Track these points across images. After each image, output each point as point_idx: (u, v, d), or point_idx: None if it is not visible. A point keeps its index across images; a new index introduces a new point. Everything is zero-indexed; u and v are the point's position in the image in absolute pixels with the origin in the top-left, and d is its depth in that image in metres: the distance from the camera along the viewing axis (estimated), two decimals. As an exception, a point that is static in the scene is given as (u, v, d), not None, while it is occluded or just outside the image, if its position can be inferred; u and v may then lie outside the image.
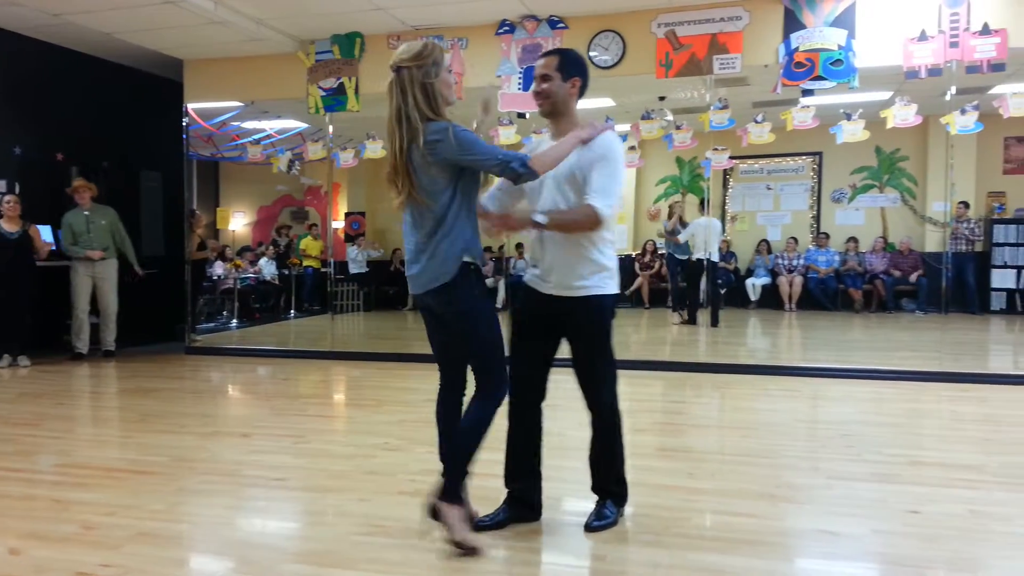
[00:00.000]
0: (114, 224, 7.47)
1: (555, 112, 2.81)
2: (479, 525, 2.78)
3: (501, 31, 6.91)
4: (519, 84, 6.82)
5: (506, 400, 2.71)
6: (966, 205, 10.47)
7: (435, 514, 2.65)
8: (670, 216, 9.91)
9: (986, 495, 3.27)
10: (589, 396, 2.82)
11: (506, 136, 6.95)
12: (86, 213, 7.30)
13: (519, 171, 2.55)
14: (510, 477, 2.91)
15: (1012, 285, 10.60)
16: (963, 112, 6.07)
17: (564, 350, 2.83)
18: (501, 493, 2.92)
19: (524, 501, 2.89)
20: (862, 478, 3.51)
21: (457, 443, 2.67)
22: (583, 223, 2.65)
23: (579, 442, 2.95)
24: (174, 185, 8.49)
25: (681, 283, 9.76)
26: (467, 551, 2.59)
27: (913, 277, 10.75)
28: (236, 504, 3.23)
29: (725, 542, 2.76)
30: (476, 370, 2.69)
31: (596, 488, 2.93)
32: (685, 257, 9.45)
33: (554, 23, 6.78)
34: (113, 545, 2.74)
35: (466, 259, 2.59)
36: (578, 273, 2.71)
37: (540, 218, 2.64)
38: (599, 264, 2.73)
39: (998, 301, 10.61)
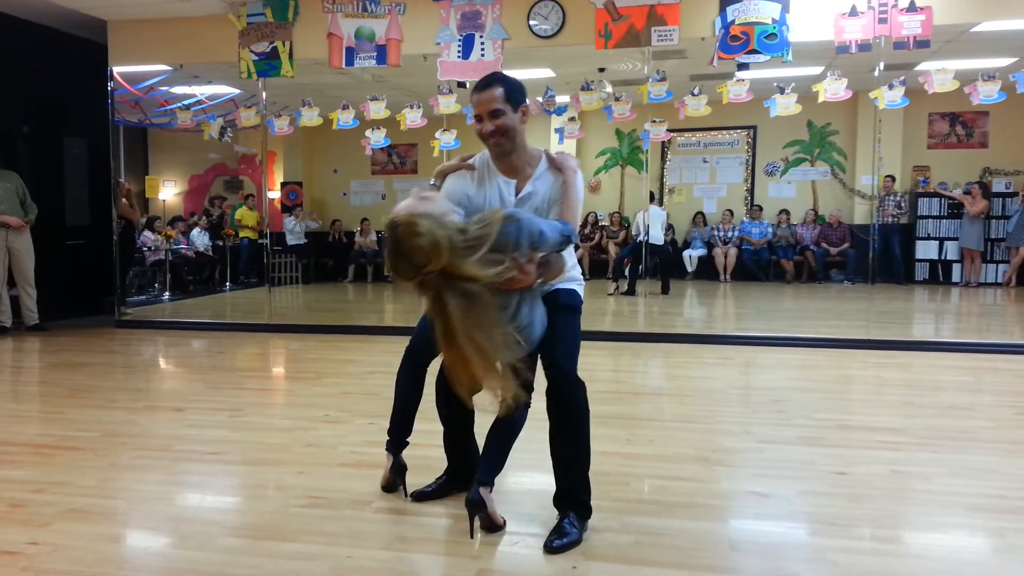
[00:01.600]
0: (19, 188, 7.14)
1: (512, 148, 2.55)
2: (424, 494, 2.81)
3: (440, -3, 6.81)
4: (459, 52, 6.73)
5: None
6: (892, 179, 10.85)
7: (485, 516, 2.53)
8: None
9: (908, 456, 3.42)
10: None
11: (446, 105, 6.88)
12: None
13: (574, 242, 2.51)
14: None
15: (935, 256, 11.06)
16: (891, 87, 6.24)
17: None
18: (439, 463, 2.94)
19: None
20: (791, 441, 3.63)
21: (507, 437, 2.55)
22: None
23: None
24: (100, 153, 8.15)
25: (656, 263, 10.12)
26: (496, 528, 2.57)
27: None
28: (171, 479, 3.16)
29: (661, 505, 2.84)
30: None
31: (562, 496, 2.60)
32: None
33: (494, -9, 6.70)
34: (42, 523, 2.66)
35: None
36: None
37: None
38: None
39: (921, 271, 11.07)
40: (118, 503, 2.90)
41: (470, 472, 2.68)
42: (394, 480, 2.88)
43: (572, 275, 2.68)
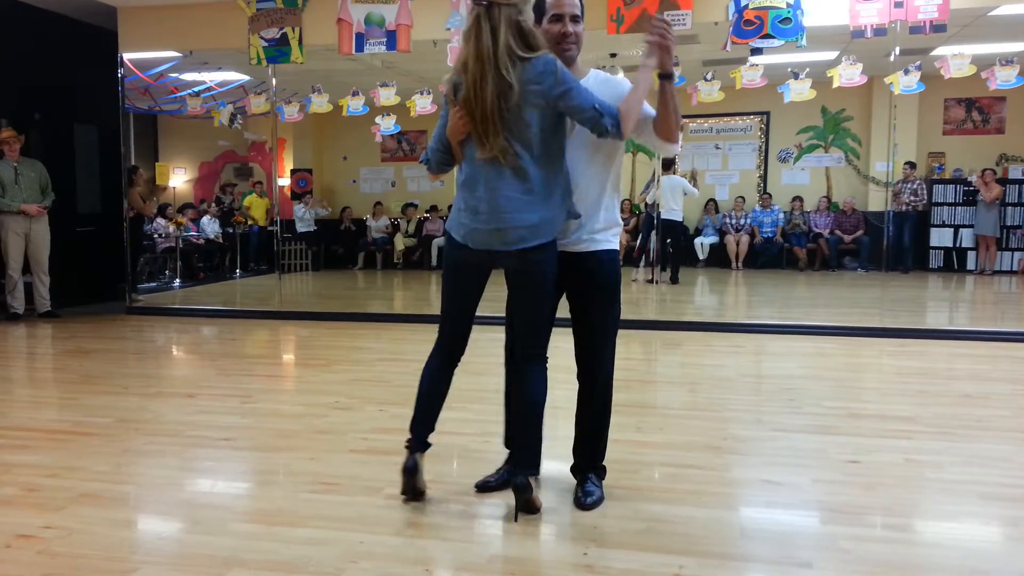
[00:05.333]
0: (42, 176, 7.19)
1: (575, 56, 2.54)
2: (487, 486, 2.79)
3: (450, -17, 6.76)
4: (469, 38, 6.68)
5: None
6: (912, 166, 10.73)
7: (527, 499, 2.54)
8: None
9: (920, 444, 3.39)
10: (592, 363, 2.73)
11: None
12: (15, 165, 7.00)
13: (609, 129, 2.38)
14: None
15: (949, 243, 10.95)
16: (906, 72, 6.17)
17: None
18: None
19: None
20: (804, 430, 3.61)
21: (536, 417, 2.56)
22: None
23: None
24: (110, 140, 8.16)
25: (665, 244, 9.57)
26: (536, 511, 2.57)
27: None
28: (182, 464, 3.18)
29: (672, 493, 2.83)
30: (529, 335, 2.57)
31: (584, 461, 2.77)
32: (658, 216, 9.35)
33: (505, -24, 6.64)
34: (56, 507, 2.68)
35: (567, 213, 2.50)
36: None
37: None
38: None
39: (936, 259, 10.97)
40: (131, 488, 2.91)
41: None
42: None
43: (615, 220, 2.67)
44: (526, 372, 2.58)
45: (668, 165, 9.16)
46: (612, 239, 2.67)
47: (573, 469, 2.81)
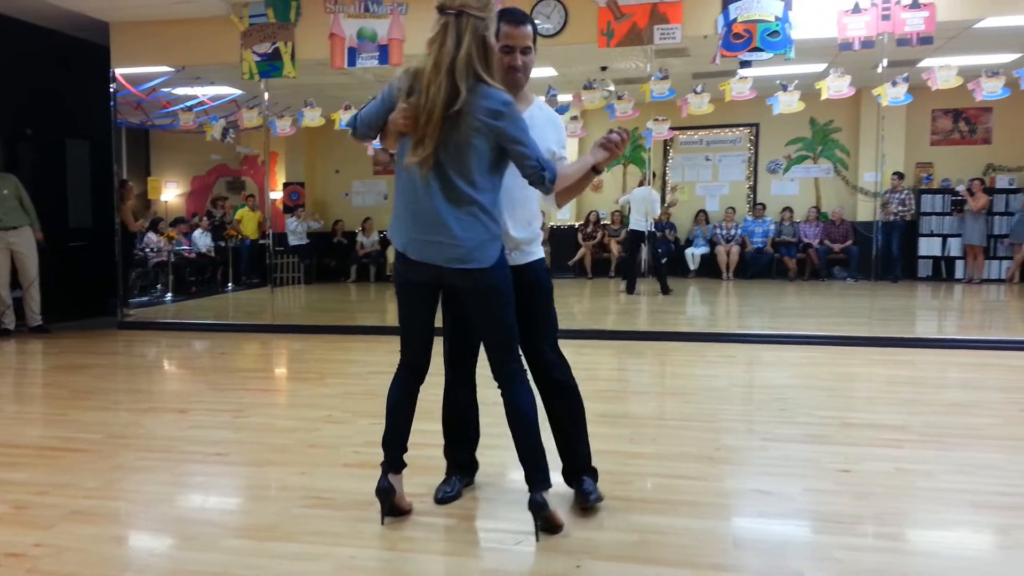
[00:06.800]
0: (18, 191, 7.15)
1: (523, 85, 2.63)
2: (443, 499, 2.81)
3: (441, -3, 6.79)
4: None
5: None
6: (900, 176, 10.82)
7: (546, 517, 2.51)
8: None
9: (911, 453, 3.41)
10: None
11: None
12: None
13: (545, 185, 2.43)
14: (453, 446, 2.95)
15: (938, 253, 11.03)
16: (894, 84, 6.23)
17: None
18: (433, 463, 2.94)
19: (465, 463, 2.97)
20: (795, 439, 3.63)
21: (531, 429, 2.51)
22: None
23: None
24: (102, 154, 8.15)
25: (622, 253, 9.81)
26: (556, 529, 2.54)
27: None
28: (174, 480, 3.17)
29: (665, 503, 2.83)
30: (502, 350, 2.52)
31: (575, 468, 2.79)
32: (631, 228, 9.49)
33: (495, -10, 6.69)
34: (46, 524, 2.66)
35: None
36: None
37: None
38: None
39: (924, 268, 11.04)
40: (122, 505, 2.90)
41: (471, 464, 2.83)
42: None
43: (540, 240, 2.79)
44: (511, 388, 2.54)
45: (643, 181, 9.29)
46: (541, 248, 2.78)
47: (565, 477, 2.82)
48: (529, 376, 2.61)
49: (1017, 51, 7.71)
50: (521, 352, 2.59)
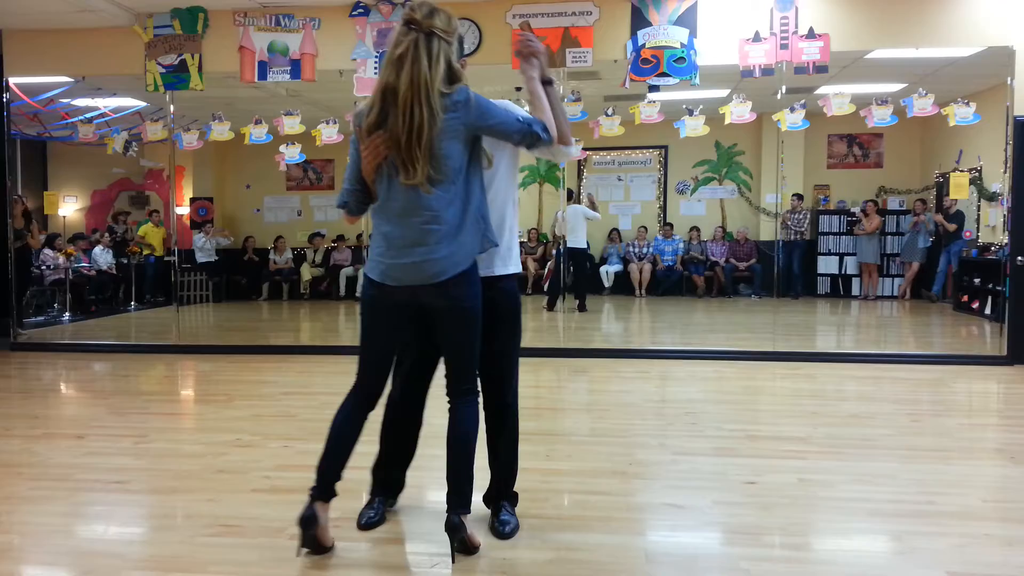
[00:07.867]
0: None
1: None
2: (367, 524, 2.74)
3: (355, 13, 6.76)
4: (375, 68, 6.70)
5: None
6: (799, 197, 11.33)
7: (462, 539, 2.47)
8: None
9: (813, 464, 3.56)
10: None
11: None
12: None
13: (541, 136, 2.44)
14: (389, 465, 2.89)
15: (835, 271, 11.58)
16: (792, 110, 6.53)
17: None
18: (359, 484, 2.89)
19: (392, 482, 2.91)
20: (705, 453, 3.73)
21: (468, 452, 2.50)
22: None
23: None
24: (-7, 167, 7.73)
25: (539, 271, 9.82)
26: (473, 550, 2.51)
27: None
28: (71, 511, 3.01)
29: (580, 520, 2.87)
30: (463, 371, 2.53)
31: (497, 491, 2.80)
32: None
33: (410, 8, 6.70)
34: (-74, 563, 2.49)
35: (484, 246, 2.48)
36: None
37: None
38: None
39: (824, 286, 11.57)
40: (14, 538, 2.74)
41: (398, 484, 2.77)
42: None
43: (515, 253, 2.71)
44: (460, 409, 2.53)
45: (570, 196, 9.26)
46: (517, 262, 2.73)
47: (486, 499, 2.81)
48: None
49: (904, 81, 8.20)
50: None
